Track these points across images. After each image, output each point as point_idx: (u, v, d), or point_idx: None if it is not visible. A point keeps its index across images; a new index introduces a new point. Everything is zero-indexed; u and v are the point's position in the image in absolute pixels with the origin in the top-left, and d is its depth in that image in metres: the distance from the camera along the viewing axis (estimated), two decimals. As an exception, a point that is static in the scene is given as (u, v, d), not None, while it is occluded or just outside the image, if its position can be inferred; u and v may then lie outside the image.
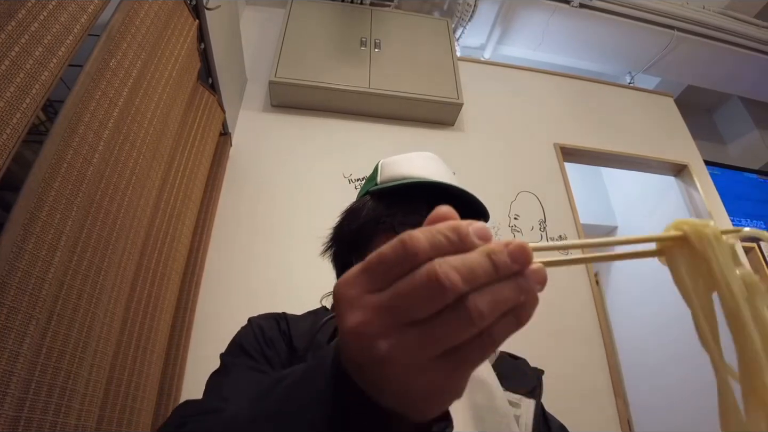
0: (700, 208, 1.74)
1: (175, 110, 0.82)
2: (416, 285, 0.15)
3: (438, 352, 0.15)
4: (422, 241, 0.16)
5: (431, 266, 0.15)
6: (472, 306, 0.15)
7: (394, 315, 0.15)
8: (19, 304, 0.44)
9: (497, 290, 0.16)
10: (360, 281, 0.17)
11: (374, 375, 0.16)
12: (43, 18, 0.48)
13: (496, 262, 0.16)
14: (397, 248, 0.16)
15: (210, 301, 1.09)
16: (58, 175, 0.50)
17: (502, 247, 0.16)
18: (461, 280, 0.15)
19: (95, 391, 0.57)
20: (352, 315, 0.16)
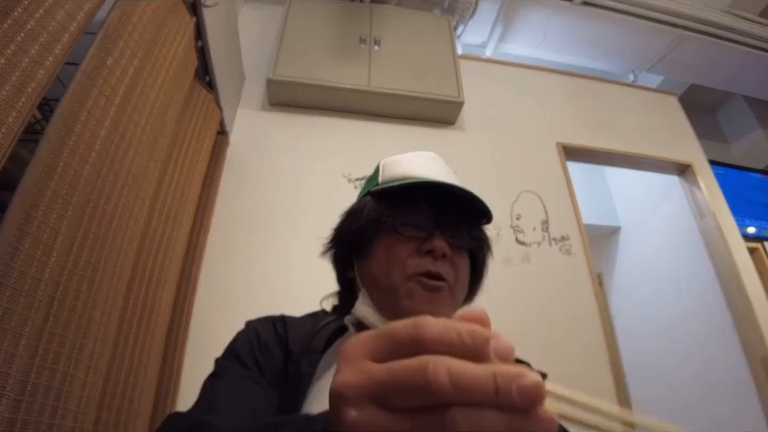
0: (703, 207, 1.73)
1: (172, 109, 0.82)
2: (406, 371, 0.15)
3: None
4: (433, 330, 0.15)
5: (425, 358, 0.14)
6: (450, 419, 0.14)
7: (376, 393, 0.15)
8: (14, 306, 0.44)
9: (487, 417, 0.14)
10: (368, 345, 0.16)
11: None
12: (39, 16, 0.47)
13: (499, 387, 0.14)
14: (408, 329, 0.15)
15: (207, 302, 1.09)
16: (54, 174, 0.50)
17: (514, 375, 0.14)
18: (450, 387, 0.14)
19: (92, 393, 0.56)
20: (343, 373, 0.16)
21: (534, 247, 1.40)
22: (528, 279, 1.34)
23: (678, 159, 1.80)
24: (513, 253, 1.38)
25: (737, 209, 1.80)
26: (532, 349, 1.16)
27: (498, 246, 1.38)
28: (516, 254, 1.38)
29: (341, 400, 0.16)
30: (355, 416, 0.15)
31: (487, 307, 0.77)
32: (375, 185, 0.45)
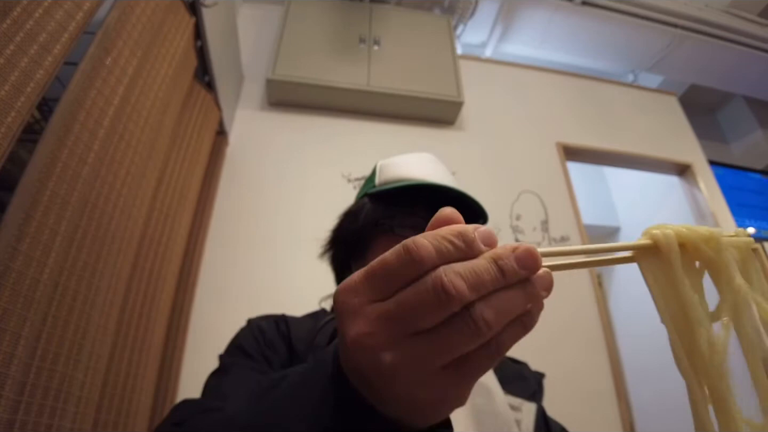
0: (703, 208, 1.73)
1: (171, 109, 0.82)
2: (422, 294, 0.15)
3: (444, 362, 0.15)
4: (428, 248, 0.15)
5: (437, 274, 0.15)
6: (478, 315, 0.15)
7: (399, 325, 0.15)
8: (13, 306, 0.43)
9: (505, 298, 0.15)
10: (363, 289, 0.16)
11: (378, 386, 0.16)
12: (38, 16, 0.47)
13: (503, 269, 0.15)
14: (401, 255, 0.15)
15: (206, 302, 1.08)
16: (53, 174, 0.49)
17: (510, 253, 0.16)
18: (468, 289, 0.14)
19: (91, 394, 0.56)
20: (354, 325, 0.15)
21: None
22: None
23: (678, 159, 1.80)
24: (512, 253, 1.38)
25: (737, 209, 1.80)
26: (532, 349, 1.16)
27: (497, 246, 1.38)
28: (515, 254, 1.38)
29: (368, 352, 0.15)
30: (391, 359, 0.15)
31: None
32: (372, 187, 0.45)
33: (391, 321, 0.15)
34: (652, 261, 0.19)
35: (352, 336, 0.15)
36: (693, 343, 0.18)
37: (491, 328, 0.15)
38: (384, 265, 0.16)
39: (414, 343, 0.15)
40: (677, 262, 0.18)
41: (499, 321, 0.15)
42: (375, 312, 0.15)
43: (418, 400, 0.16)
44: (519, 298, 0.15)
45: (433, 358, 0.15)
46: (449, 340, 0.15)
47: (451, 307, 0.14)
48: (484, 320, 0.15)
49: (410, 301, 0.15)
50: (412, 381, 0.15)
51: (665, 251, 0.19)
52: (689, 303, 0.18)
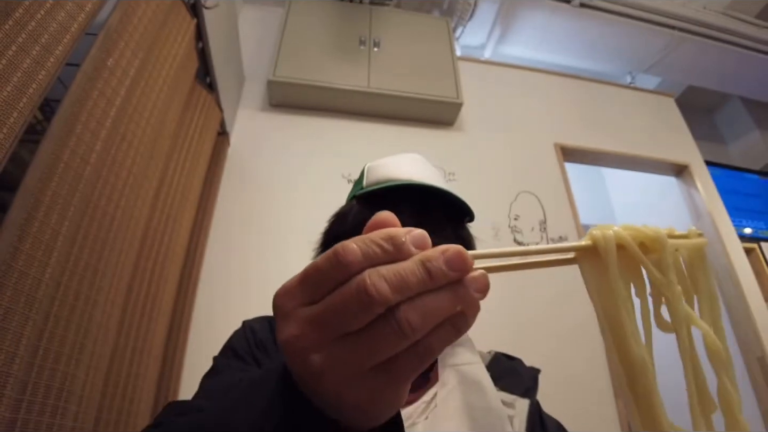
0: (700, 208, 1.74)
1: (172, 109, 0.82)
2: (346, 297, 0.15)
3: (371, 364, 0.15)
4: (356, 251, 0.15)
5: (361, 277, 0.15)
6: (402, 317, 0.15)
7: (326, 328, 0.15)
8: (15, 305, 0.44)
9: (431, 300, 0.15)
10: (296, 292, 0.16)
11: (311, 386, 0.16)
12: (40, 17, 0.47)
13: (430, 270, 0.15)
14: (330, 259, 0.16)
15: (207, 302, 1.09)
16: (54, 174, 0.50)
17: (439, 255, 0.15)
18: (390, 291, 0.14)
19: (92, 393, 0.57)
20: (286, 327, 0.16)
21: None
22: (526, 279, 1.34)
23: (675, 160, 1.81)
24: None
25: (734, 210, 1.81)
26: (531, 349, 1.17)
27: (496, 246, 1.38)
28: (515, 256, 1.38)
29: (298, 354, 0.16)
30: (319, 361, 0.15)
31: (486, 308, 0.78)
32: (360, 189, 0.46)
33: (319, 324, 0.15)
34: (591, 262, 0.19)
35: (283, 338, 0.16)
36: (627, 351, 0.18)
37: (415, 330, 0.15)
38: (315, 269, 0.16)
39: (340, 346, 0.15)
40: (613, 264, 0.18)
41: (425, 323, 0.15)
42: (305, 315, 0.16)
43: (348, 401, 0.16)
44: (447, 301, 0.15)
45: (359, 360, 0.15)
46: (374, 342, 0.15)
47: (374, 309, 0.15)
48: (408, 322, 0.15)
49: (336, 304, 0.15)
50: (339, 382, 0.15)
51: (602, 253, 0.18)
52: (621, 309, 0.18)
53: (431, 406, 0.38)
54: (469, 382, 0.40)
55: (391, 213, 0.17)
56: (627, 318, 0.18)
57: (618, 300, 0.18)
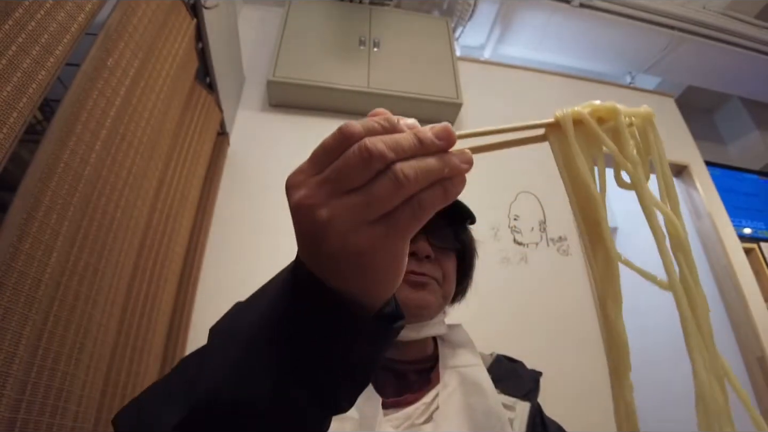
0: (700, 208, 1.74)
1: (172, 110, 0.82)
2: (349, 157, 0.17)
3: (372, 215, 0.17)
4: (357, 126, 0.18)
5: (362, 140, 0.17)
6: (398, 169, 0.17)
7: (332, 185, 0.18)
8: (15, 306, 0.44)
9: (422, 160, 0.18)
10: (307, 168, 0.19)
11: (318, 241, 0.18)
12: (40, 17, 0.47)
13: (420, 137, 0.18)
14: (336, 135, 0.18)
15: (207, 303, 1.09)
16: (54, 174, 0.50)
17: (428, 128, 0.18)
18: (387, 149, 0.17)
19: (92, 393, 0.57)
20: (297, 193, 0.18)
21: (532, 247, 1.41)
22: (526, 279, 1.34)
23: (675, 160, 1.81)
24: (511, 254, 1.38)
25: (734, 210, 1.81)
26: (530, 349, 1.16)
27: (496, 246, 1.39)
28: (514, 254, 1.38)
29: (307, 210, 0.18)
30: (326, 213, 0.17)
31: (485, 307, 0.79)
32: None
33: (326, 183, 0.18)
34: (556, 136, 0.23)
35: (295, 201, 0.18)
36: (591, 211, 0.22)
37: (410, 181, 0.17)
38: (323, 146, 0.19)
39: (345, 199, 0.17)
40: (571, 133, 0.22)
41: (417, 177, 0.17)
42: (314, 180, 0.18)
43: (352, 249, 0.17)
44: (437, 162, 0.18)
45: (362, 210, 0.17)
46: (374, 193, 0.17)
47: (374, 164, 0.17)
48: (403, 174, 0.17)
49: (340, 164, 0.17)
50: (345, 230, 0.17)
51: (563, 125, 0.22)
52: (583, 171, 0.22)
53: (432, 407, 0.38)
54: (470, 384, 0.40)
55: (385, 110, 0.20)
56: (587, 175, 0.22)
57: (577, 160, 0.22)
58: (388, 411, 0.38)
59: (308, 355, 0.20)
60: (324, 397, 0.20)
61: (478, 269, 0.51)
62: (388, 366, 0.42)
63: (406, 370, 0.43)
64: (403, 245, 0.19)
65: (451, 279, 0.45)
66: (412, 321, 0.42)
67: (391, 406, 0.39)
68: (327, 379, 0.20)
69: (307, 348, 0.20)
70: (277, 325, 0.21)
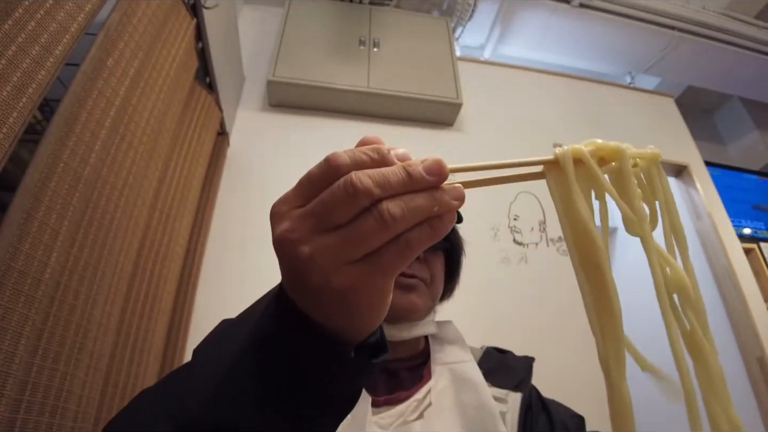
0: (699, 208, 1.74)
1: (172, 110, 0.82)
2: (334, 191, 0.17)
3: (356, 255, 0.17)
4: (344, 157, 0.17)
5: (348, 175, 0.17)
6: (384, 209, 0.16)
7: (316, 220, 0.17)
8: (15, 305, 0.44)
9: (410, 197, 0.17)
10: (291, 198, 0.18)
11: (300, 278, 0.18)
12: (40, 17, 0.47)
13: (410, 173, 0.17)
14: (322, 166, 0.18)
15: (207, 302, 1.09)
16: (54, 174, 0.50)
17: (418, 162, 0.18)
18: (374, 184, 0.16)
19: (92, 393, 0.57)
20: (280, 225, 0.18)
21: (531, 247, 1.41)
22: (526, 279, 1.34)
23: (674, 160, 1.81)
24: (511, 254, 1.38)
25: (733, 210, 1.81)
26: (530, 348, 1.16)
27: (496, 246, 1.39)
28: (514, 255, 1.38)
29: (289, 245, 0.17)
30: (308, 251, 0.17)
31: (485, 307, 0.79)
32: None
33: (309, 218, 0.17)
34: (555, 174, 0.21)
35: (278, 234, 0.18)
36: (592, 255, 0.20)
37: (396, 221, 0.16)
38: (309, 176, 0.18)
39: (328, 237, 0.17)
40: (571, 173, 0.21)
41: (405, 217, 0.17)
42: (297, 213, 0.18)
43: (335, 287, 0.17)
44: (426, 200, 0.17)
45: (345, 249, 0.17)
46: (359, 232, 0.16)
47: (359, 201, 0.16)
48: (389, 213, 0.16)
49: (325, 199, 0.17)
50: (327, 269, 0.17)
51: (562, 165, 0.21)
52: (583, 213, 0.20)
53: (423, 404, 0.39)
54: (461, 380, 0.40)
55: (378, 136, 0.19)
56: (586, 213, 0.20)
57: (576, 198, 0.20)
58: (381, 409, 0.38)
59: (289, 384, 0.20)
60: (305, 425, 0.20)
61: (479, 269, 0.52)
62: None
63: (398, 368, 0.43)
64: (388, 284, 0.18)
65: (438, 279, 0.45)
66: (402, 322, 0.43)
67: (383, 404, 0.39)
68: (307, 408, 0.20)
69: (288, 377, 0.20)
70: (259, 352, 0.21)
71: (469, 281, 0.55)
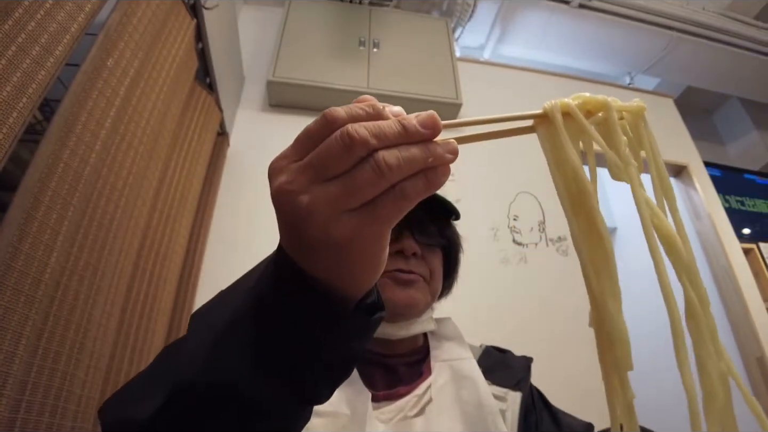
0: (699, 209, 1.74)
1: (172, 110, 0.82)
2: (331, 143, 0.17)
3: (354, 203, 0.17)
4: (341, 111, 0.17)
5: (344, 126, 0.17)
6: (380, 158, 0.16)
7: (314, 172, 0.17)
8: (15, 305, 0.44)
9: (405, 148, 0.17)
10: (290, 154, 0.18)
11: (299, 229, 0.18)
12: (40, 17, 0.47)
13: (405, 125, 0.17)
14: (319, 120, 0.18)
15: (208, 302, 1.09)
16: (54, 174, 0.50)
17: (413, 116, 0.18)
18: (370, 135, 0.16)
19: (91, 393, 0.57)
20: (278, 178, 0.18)
21: (531, 247, 1.41)
22: (525, 279, 1.34)
23: (674, 160, 1.82)
24: (510, 254, 1.38)
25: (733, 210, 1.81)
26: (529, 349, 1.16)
27: (495, 246, 1.39)
28: (513, 255, 1.38)
29: (288, 196, 0.17)
30: (307, 200, 0.17)
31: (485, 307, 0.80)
32: None
33: (308, 169, 0.17)
34: (545, 128, 0.22)
35: (276, 186, 0.18)
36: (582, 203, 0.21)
37: (392, 170, 0.16)
38: (307, 131, 0.18)
39: (326, 187, 0.17)
40: (560, 123, 0.21)
41: (400, 166, 0.17)
42: (296, 166, 0.18)
43: (334, 235, 0.17)
44: (421, 151, 0.17)
45: (343, 198, 0.17)
46: (356, 181, 0.17)
47: (356, 151, 0.16)
48: (385, 162, 0.16)
49: (322, 150, 0.17)
50: (325, 219, 0.17)
51: (551, 117, 0.21)
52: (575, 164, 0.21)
53: (423, 400, 0.39)
54: (461, 377, 0.40)
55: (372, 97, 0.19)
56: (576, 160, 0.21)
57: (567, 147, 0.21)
58: (381, 404, 0.38)
59: (285, 344, 0.20)
60: (301, 387, 0.20)
61: (478, 269, 0.52)
62: (378, 361, 0.43)
63: (396, 363, 0.43)
64: (385, 234, 0.19)
65: (437, 276, 0.45)
66: (401, 319, 0.43)
67: (383, 399, 0.39)
68: (304, 369, 0.20)
69: (285, 336, 0.20)
70: (255, 312, 0.20)
71: (469, 281, 0.55)
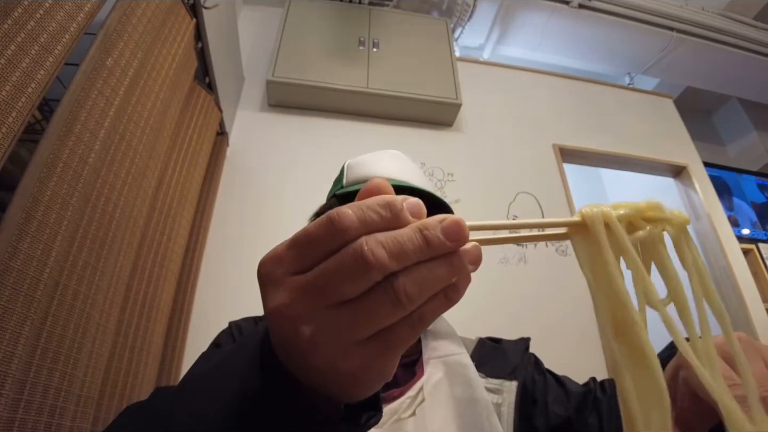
0: (698, 209, 1.74)
1: (171, 110, 0.82)
2: (342, 263, 0.14)
3: (365, 334, 0.15)
4: (351, 217, 0.15)
5: (358, 242, 0.14)
6: (400, 288, 0.14)
7: (320, 296, 0.15)
8: (14, 305, 0.44)
9: (428, 270, 0.15)
10: (285, 258, 0.16)
11: (299, 357, 0.16)
12: (39, 16, 0.47)
13: (428, 239, 0.15)
14: (325, 225, 0.15)
15: (206, 303, 1.09)
16: (53, 174, 0.50)
17: (437, 224, 0.15)
18: (388, 257, 0.14)
19: (90, 393, 0.57)
20: (275, 295, 0.15)
21: (530, 247, 1.41)
22: (525, 279, 1.34)
23: (673, 161, 1.82)
24: (510, 254, 1.38)
25: (732, 211, 1.81)
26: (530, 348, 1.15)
27: (495, 246, 1.39)
28: (513, 255, 1.38)
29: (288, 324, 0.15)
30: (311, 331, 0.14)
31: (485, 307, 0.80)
32: (340, 188, 0.46)
33: (311, 292, 0.15)
34: (582, 237, 0.20)
35: (272, 307, 0.15)
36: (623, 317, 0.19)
37: (412, 301, 0.14)
38: (307, 235, 0.15)
39: (334, 315, 0.14)
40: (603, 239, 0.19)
41: (421, 294, 0.15)
42: (296, 283, 0.15)
43: (340, 372, 0.15)
44: (444, 271, 0.15)
45: (353, 329, 0.14)
46: (370, 311, 0.14)
47: (371, 277, 0.14)
48: (405, 293, 0.14)
49: (330, 270, 0.14)
50: (332, 353, 0.15)
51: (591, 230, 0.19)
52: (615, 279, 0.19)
53: (417, 400, 0.39)
54: (454, 374, 0.40)
55: (385, 180, 0.17)
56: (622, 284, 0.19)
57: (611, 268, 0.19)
58: None
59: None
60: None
61: (477, 270, 0.52)
62: None
63: None
64: (398, 356, 0.16)
65: None
66: None
67: None
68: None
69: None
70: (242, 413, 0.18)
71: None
